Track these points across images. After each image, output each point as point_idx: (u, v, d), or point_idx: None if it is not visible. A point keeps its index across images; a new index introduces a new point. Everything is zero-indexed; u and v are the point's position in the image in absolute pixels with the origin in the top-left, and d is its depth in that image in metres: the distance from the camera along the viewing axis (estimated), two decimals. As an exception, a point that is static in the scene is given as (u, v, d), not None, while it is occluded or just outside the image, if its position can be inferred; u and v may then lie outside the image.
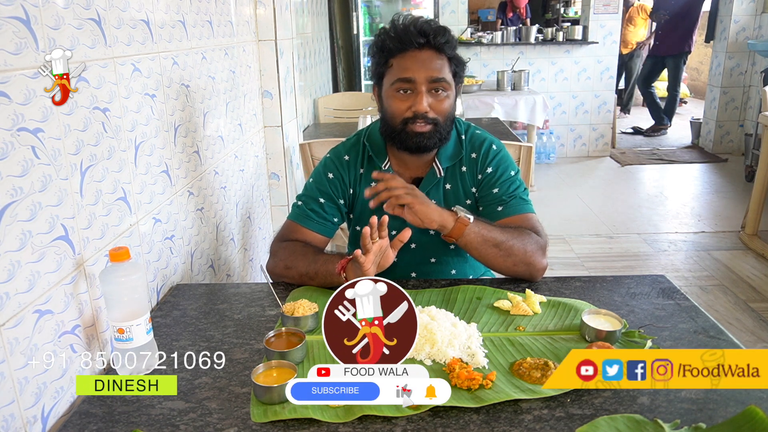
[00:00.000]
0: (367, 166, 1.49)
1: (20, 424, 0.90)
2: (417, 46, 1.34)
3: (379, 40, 1.39)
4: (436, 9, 5.74)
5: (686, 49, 6.46)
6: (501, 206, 1.43)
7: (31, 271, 0.93)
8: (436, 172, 1.46)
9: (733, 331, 2.68)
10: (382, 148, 1.48)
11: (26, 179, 0.92)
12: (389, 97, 1.39)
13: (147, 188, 1.35)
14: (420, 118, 1.35)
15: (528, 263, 1.35)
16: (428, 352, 1.08)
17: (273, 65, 2.34)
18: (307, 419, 0.92)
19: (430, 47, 1.35)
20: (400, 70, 1.35)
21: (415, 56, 1.34)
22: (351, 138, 1.55)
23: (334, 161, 1.50)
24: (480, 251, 1.33)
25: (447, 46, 1.35)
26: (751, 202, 3.71)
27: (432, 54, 1.35)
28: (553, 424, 0.91)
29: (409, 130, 1.36)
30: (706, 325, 1.18)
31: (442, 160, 1.46)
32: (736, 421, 0.83)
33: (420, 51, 1.34)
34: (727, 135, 5.94)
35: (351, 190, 1.50)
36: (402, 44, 1.34)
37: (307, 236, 1.45)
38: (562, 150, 6.03)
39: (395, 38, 1.35)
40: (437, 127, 1.37)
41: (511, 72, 4.90)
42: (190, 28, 1.63)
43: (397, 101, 1.37)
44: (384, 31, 1.39)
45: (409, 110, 1.35)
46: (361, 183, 1.49)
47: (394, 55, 1.36)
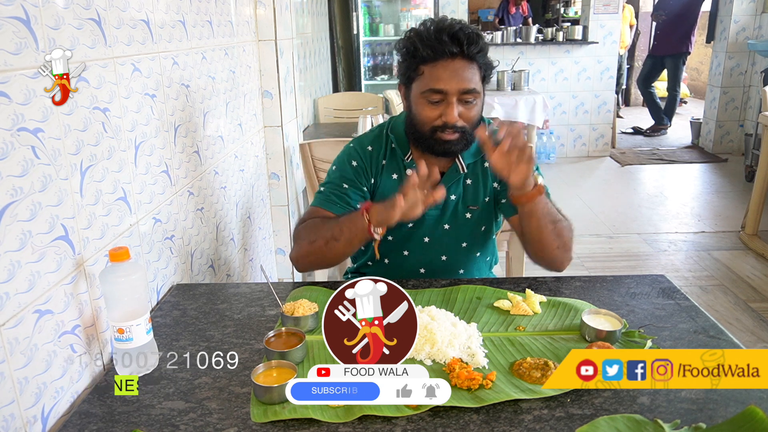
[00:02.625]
0: (389, 158, 1.48)
1: (20, 424, 0.90)
2: (449, 56, 1.31)
3: (410, 44, 1.35)
4: (436, 9, 5.74)
5: (684, 49, 6.46)
6: None
7: (31, 271, 0.93)
8: (459, 168, 1.45)
9: (733, 331, 2.68)
10: (405, 142, 1.47)
11: (26, 179, 0.92)
12: (419, 104, 1.36)
13: (147, 188, 1.35)
14: (450, 127, 1.33)
15: (567, 249, 1.39)
16: (428, 352, 1.08)
17: (273, 65, 2.34)
18: (307, 419, 0.92)
19: (463, 57, 1.31)
20: (432, 80, 1.32)
21: (447, 66, 1.31)
22: (374, 129, 1.55)
23: (358, 150, 1.49)
24: (540, 222, 1.33)
25: (480, 55, 1.33)
26: (751, 202, 3.71)
27: (464, 64, 1.32)
28: (553, 424, 0.91)
29: (438, 138, 1.35)
30: (706, 325, 1.18)
31: (465, 157, 1.45)
32: (736, 421, 0.83)
33: (452, 61, 1.31)
34: (727, 135, 5.94)
35: (373, 180, 1.49)
36: (434, 53, 1.31)
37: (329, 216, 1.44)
38: (562, 150, 6.03)
39: (427, 45, 1.31)
40: (465, 134, 1.36)
41: (511, 72, 4.91)
42: (190, 28, 1.63)
43: (428, 110, 1.35)
44: (415, 33, 1.35)
45: (439, 119, 1.34)
46: (382, 174, 1.48)
47: (426, 63, 1.33)
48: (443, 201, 1.44)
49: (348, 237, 1.32)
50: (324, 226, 1.36)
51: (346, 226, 1.31)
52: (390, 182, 1.48)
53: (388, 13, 6.19)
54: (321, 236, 1.35)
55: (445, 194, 1.21)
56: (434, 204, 1.23)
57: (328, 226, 1.35)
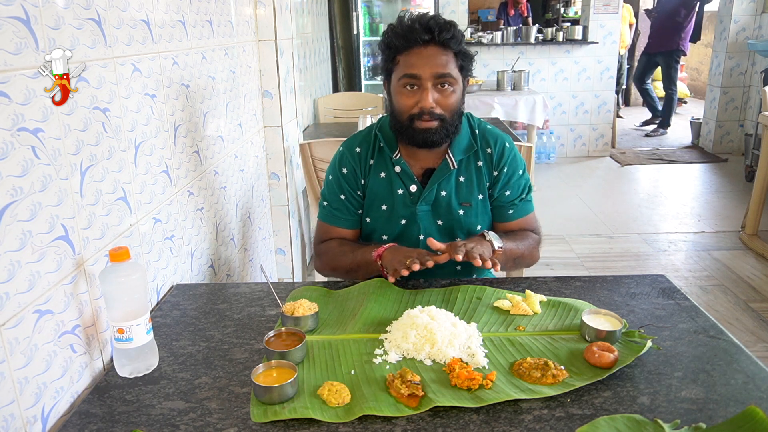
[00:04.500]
0: (377, 157, 1.51)
1: (20, 424, 0.90)
2: (422, 43, 1.35)
3: (386, 37, 1.41)
4: (436, 9, 5.74)
5: (675, 46, 6.48)
6: (512, 210, 1.53)
7: (31, 271, 0.93)
8: (450, 164, 1.47)
9: (733, 331, 2.68)
10: (393, 140, 1.49)
11: (26, 179, 0.92)
12: (396, 93, 1.41)
13: (147, 188, 1.35)
14: (426, 113, 1.36)
15: (530, 263, 1.57)
16: (428, 352, 1.08)
17: (273, 65, 2.34)
18: (307, 419, 0.92)
19: (435, 43, 1.35)
20: (406, 66, 1.36)
21: (420, 53, 1.35)
22: (364, 130, 1.58)
23: (347, 155, 1.53)
24: (506, 266, 1.52)
25: (452, 41, 1.36)
26: (751, 202, 3.71)
27: (437, 50, 1.35)
28: (553, 424, 0.91)
29: (416, 126, 1.38)
30: (706, 325, 1.18)
31: (455, 153, 1.47)
32: (736, 421, 0.83)
33: (425, 48, 1.35)
34: (727, 135, 5.94)
35: (363, 180, 1.52)
36: (407, 41, 1.36)
37: (340, 233, 1.55)
38: (562, 150, 6.03)
39: (401, 35, 1.37)
40: (444, 122, 1.38)
41: (511, 72, 4.90)
42: (190, 28, 1.63)
43: (404, 97, 1.39)
44: (391, 28, 1.41)
45: (416, 106, 1.37)
46: (370, 174, 1.51)
47: (401, 52, 1.38)
48: (433, 196, 1.48)
49: (365, 273, 1.45)
50: (342, 258, 1.48)
51: (363, 266, 1.44)
52: (378, 181, 1.51)
53: (388, 13, 6.19)
54: (341, 267, 1.50)
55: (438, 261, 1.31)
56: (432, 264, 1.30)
57: (346, 259, 1.47)
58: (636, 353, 1.05)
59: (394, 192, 1.49)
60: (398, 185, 1.49)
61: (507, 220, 1.53)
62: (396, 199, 1.49)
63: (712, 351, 1.09)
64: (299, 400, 0.96)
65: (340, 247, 1.50)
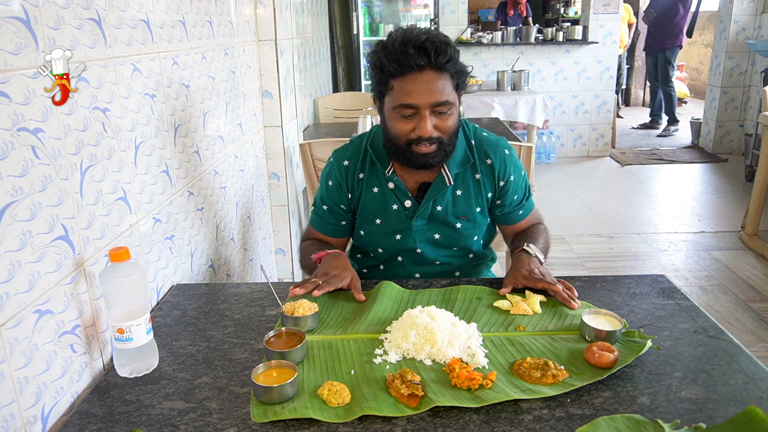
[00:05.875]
0: (369, 172, 1.47)
1: (20, 424, 0.90)
2: (417, 68, 1.26)
3: (377, 58, 1.31)
4: (436, 9, 5.74)
5: (670, 44, 6.50)
6: (521, 210, 1.53)
7: (31, 271, 0.93)
8: (446, 179, 1.43)
9: (733, 331, 2.68)
10: (384, 155, 1.45)
11: (26, 179, 0.92)
12: (392, 118, 1.34)
13: (147, 188, 1.35)
14: (425, 140, 1.32)
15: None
16: (428, 352, 1.08)
17: (273, 65, 2.34)
18: (307, 419, 0.92)
19: (432, 68, 1.27)
20: (402, 94, 1.29)
21: (416, 79, 1.27)
22: (354, 140, 1.53)
23: (334, 168, 1.50)
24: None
25: (450, 64, 1.28)
26: (751, 202, 3.71)
27: (433, 75, 1.27)
28: (553, 424, 0.91)
29: (414, 151, 1.34)
30: (706, 325, 1.18)
31: (451, 167, 1.42)
32: (736, 421, 0.83)
33: (421, 73, 1.27)
34: (727, 135, 5.94)
35: (350, 195, 1.49)
36: (401, 67, 1.27)
37: (322, 238, 1.57)
38: (562, 150, 6.03)
39: (394, 60, 1.27)
40: (442, 144, 1.34)
41: (511, 72, 4.90)
42: (190, 28, 1.63)
43: (401, 123, 1.33)
44: (382, 48, 1.31)
45: (413, 132, 1.32)
46: (361, 187, 1.48)
47: (395, 77, 1.29)
48: (428, 211, 1.45)
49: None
50: (307, 258, 1.50)
51: (315, 267, 1.45)
52: (371, 195, 1.47)
53: (388, 13, 6.19)
54: (306, 265, 1.53)
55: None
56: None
57: (308, 258, 1.49)
58: (636, 353, 1.05)
59: (388, 207, 1.46)
60: (392, 200, 1.46)
61: (519, 221, 1.53)
62: (390, 214, 1.46)
63: (712, 351, 1.09)
64: (299, 400, 0.96)
65: (310, 247, 1.52)
